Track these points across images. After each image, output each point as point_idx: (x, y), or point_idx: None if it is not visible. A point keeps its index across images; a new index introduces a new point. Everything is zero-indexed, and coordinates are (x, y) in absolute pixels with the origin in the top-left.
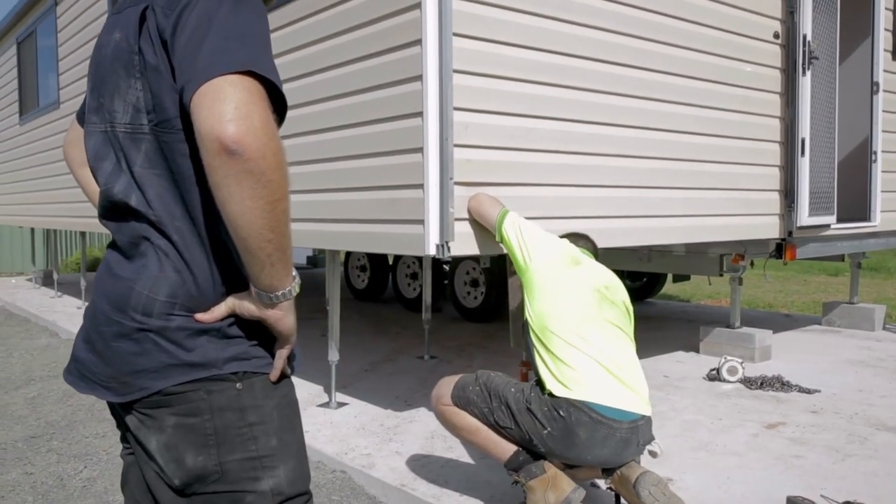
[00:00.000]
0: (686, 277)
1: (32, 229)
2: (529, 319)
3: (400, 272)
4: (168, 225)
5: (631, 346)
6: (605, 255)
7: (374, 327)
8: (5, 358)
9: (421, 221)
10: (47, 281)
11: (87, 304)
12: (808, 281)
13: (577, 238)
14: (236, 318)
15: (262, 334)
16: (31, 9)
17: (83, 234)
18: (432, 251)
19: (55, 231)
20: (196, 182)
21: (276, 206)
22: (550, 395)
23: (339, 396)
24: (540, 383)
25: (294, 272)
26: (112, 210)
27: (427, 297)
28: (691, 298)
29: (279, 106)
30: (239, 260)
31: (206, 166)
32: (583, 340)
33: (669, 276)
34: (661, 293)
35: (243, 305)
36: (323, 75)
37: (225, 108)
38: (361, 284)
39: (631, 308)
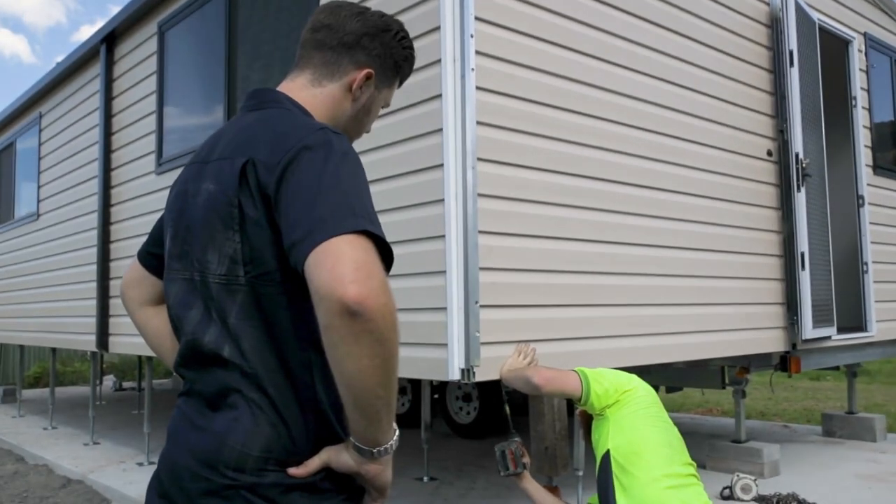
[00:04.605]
0: (679, 388)
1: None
2: (614, 451)
3: None
4: (264, 378)
5: None
6: None
7: None
8: None
9: (444, 345)
10: (6, 398)
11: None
12: (794, 387)
13: None
14: (327, 472)
15: (351, 487)
16: (13, 121)
17: (54, 350)
18: (457, 376)
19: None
20: (293, 335)
21: (389, 363)
22: None
23: None
24: None
25: (395, 425)
26: (195, 359)
27: (426, 415)
28: (681, 409)
29: (387, 260)
30: (333, 413)
31: (324, 325)
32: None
33: (662, 387)
34: None
35: (340, 459)
36: None
37: (345, 268)
38: None
39: None
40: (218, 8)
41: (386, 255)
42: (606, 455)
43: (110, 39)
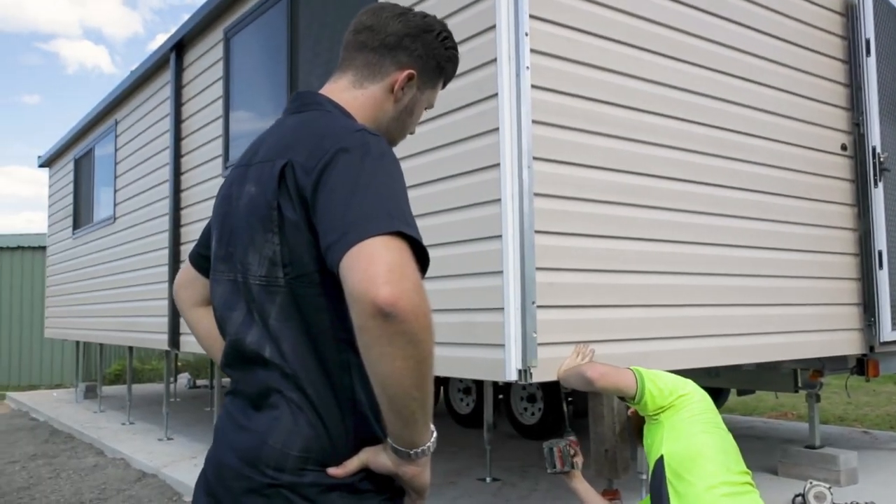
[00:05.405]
0: (750, 391)
1: (78, 343)
2: (668, 457)
3: (452, 387)
4: (303, 378)
5: None
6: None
7: None
8: (53, 479)
9: (501, 346)
10: (88, 394)
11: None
12: (876, 391)
13: None
14: (367, 473)
15: (391, 488)
16: (92, 128)
17: (131, 348)
18: (514, 377)
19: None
20: (331, 336)
21: (424, 364)
22: None
23: None
24: None
25: (432, 427)
26: (239, 359)
27: (488, 416)
28: (753, 412)
29: (422, 262)
30: (372, 414)
31: (358, 327)
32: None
33: (733, 390)
34: (723, 407)
35: (378, 460)
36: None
37: (378, 270)
38: None
39: None
40: (280, 13)
41: (421, 257)
42: (660, 461)
43: (179, 47)
